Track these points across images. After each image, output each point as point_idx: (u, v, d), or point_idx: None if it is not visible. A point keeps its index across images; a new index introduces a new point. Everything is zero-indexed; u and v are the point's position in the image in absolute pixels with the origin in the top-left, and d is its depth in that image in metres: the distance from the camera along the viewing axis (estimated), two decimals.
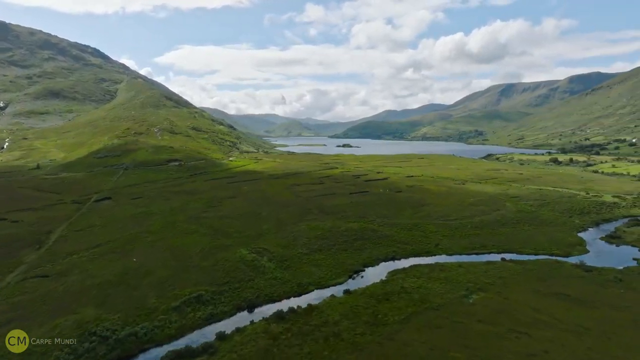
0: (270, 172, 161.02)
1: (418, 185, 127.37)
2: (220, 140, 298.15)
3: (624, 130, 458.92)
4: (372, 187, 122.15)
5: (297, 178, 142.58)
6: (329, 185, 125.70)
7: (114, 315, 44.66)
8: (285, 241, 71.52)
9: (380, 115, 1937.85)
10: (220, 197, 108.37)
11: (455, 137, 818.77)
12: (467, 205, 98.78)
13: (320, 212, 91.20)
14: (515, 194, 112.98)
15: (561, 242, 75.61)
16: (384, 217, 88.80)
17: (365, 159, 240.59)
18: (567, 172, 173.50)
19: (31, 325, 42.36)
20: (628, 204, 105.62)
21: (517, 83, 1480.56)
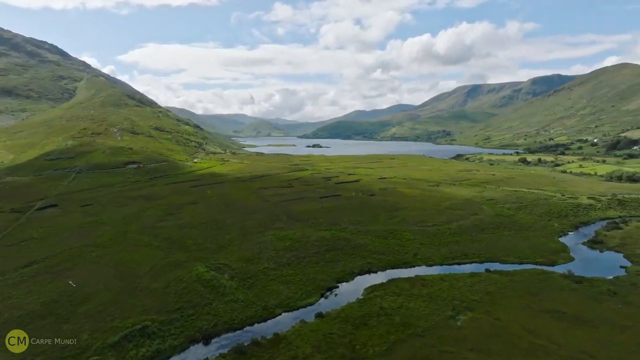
0: (236, 174, 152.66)
1: (391, 187, 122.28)
2: (185, 140, 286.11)
3: (585, 131, 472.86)
4: (343, 190, 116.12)
5: (264, 181, 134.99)
6: (298, 189, 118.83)
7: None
8: (250, 254, 64.26)
9: (349, 116, 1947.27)
10: (181, 203, 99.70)
11: (423, 137, 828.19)
12: (443, 209, 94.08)
13: (289, 219, 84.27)
14: (491, 196, 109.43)
15: (544, 249, 71.64)
16: (358, 223, 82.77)
17: (335, 159, 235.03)
18: (538, 172, 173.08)
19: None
20: (603, 205, 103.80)
21: (483, 84, 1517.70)
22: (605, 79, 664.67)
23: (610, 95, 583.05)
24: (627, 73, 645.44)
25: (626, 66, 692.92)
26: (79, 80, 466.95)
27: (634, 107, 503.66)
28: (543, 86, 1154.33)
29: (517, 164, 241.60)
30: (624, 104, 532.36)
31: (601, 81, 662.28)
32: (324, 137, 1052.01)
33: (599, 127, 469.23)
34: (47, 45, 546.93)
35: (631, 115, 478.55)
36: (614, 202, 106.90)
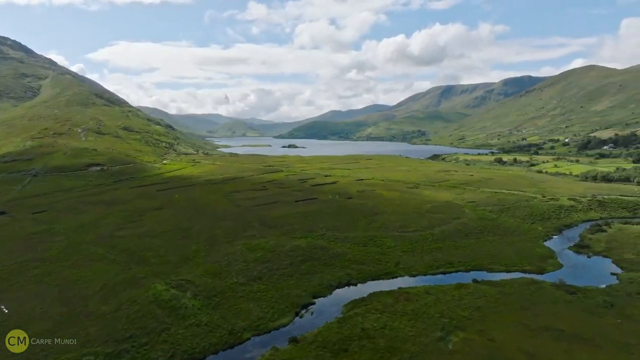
0: (207, 176, 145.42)
1: (369, 190, 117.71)
2: (155, 141, 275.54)
3: (556, 131, 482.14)
4: (320, 193, 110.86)
5: (237, 184, 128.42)
6: (272, 192, 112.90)
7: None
8: (217, 267, 58.15)
9: (325, 116, 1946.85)
10: (145, 209, 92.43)
11: (399, 137, 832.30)
12: (424, 213, 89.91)
13: (262, 226, 78.35)
14: (472, 198, 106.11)
15: (531, 255, 68.10)
16: (335, 229, 77.58)
17: (311, 160, 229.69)
18: (515, 173, 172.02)
19: None
20: (584, 207, 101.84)
21: (456, 85, 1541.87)
22: (574, 80, 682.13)
23: (579, 97, 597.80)
24: (594, 75, 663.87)
25: (593, 68, 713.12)
26: (44, 79, 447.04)
27: (602, 108, 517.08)
28: (514, 87, 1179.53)
29: (493, 164, 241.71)
30: (592, 104, 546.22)
31: (570, 82, 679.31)
32: (300, 137, 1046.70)
33: (569, 127, 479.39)
34: (10, 42, 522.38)
35: (599, 115, 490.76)
36: (594, 203, 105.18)
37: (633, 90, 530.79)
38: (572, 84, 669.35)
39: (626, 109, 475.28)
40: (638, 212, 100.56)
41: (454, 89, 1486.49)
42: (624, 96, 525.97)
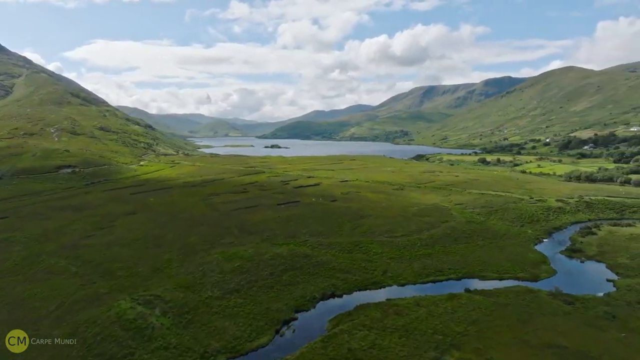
0: (186, 178, 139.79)
1: (354, 192, 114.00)
2: (133, 141, 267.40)
3: (537, 131, 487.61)
4: (303, 196, 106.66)
5: (216, 186, 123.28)
6: (253, 195, 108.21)
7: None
8: (191, 279, 53.46)
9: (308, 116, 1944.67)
10: (116, 214, 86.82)
11: (382, 137, 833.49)
12: (411, 216, 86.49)
13: (241, 232, 73.76)
14: (459, 200, 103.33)
15: (523, 261, 65.19)
16: (319, 235, 73.50)
17: (294, 161, 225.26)
18: (500, 173, 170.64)
19: None
20: (572, 208, 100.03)
21: (438, 85, 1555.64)
22: (553, 81, 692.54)
23: (558, 97, 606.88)
24: (573, 76, 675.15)
25: (572, 69, 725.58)
26: (17, 77, 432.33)
27: (581, 108, 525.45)
28: (495, 88, 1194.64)
29: (476, 164, 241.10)
30: (571, 105, 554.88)
31: (550, 83, 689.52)
32: (283, 138, 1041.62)
33: (550, 127, 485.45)
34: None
35: (578, 115, 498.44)
36: (582, 204, 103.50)
37: (610, 91, 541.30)
38: (551, 84, 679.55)
39: (604, 109, 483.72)
40: (625, 213, 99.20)
41: (436, 89, 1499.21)
42: (601, 97, 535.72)
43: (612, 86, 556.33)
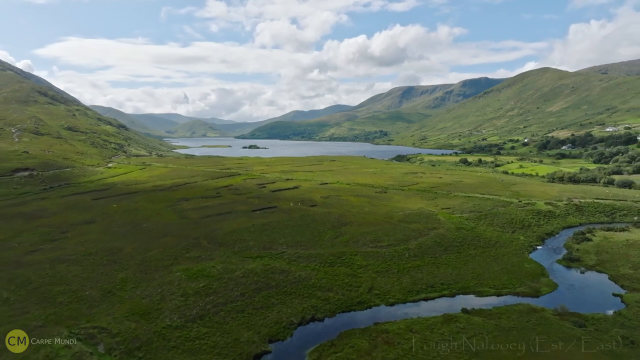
0: (155, 182, 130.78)
1: (335, 195, 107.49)
2: (103, 142, 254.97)
3: (515, 131, 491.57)
4: (280, 201, 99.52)
5: (188, 190, 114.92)
6: (227, 200, 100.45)
7: None
8: (147, 304, 45.81)
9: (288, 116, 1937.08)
10: (72, 223, 77.98)
11: (361, 137, 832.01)
12: (397, 223, 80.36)
13: (211, 243, 66.19)
14: (446, 204, 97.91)
15: (520, 273, 59.70)
16: (298, 245, 66.56)
17: (272, 162, 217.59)
18: (484, 175, 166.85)
19: None
20: (562, 211, 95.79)
21: (416, 86, 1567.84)
22: (529, 82, 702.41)
23: (535, 98, 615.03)
24: (548, 77, 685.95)
25: (547, 70, 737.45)
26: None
27: (557, 109, 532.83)
28: (472, 88, 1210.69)
29: (458, 164, 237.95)
30: (548, 105, 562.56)
31: (526, 84, 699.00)
32: (262, 138, 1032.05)
33: (527, 127, 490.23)
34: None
35: (554, 116, 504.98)
36: (572, 207, 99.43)
37: (584, 92, 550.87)
38: (528, 85, 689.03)
39: (579, 110, 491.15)
40: (615, 217, 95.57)
41: (414, 90, 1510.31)
42: (576, 97, 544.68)
43: (586, 87, 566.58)
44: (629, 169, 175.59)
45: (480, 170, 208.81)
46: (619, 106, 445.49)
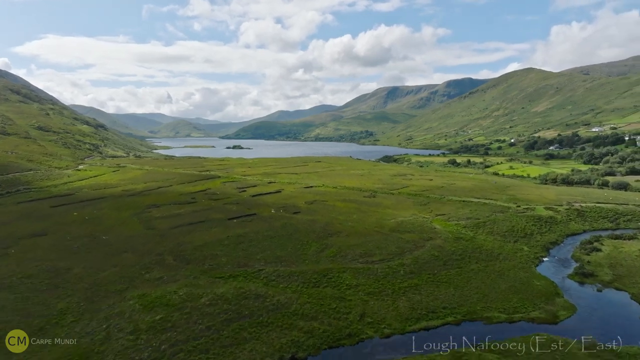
0: (126, 186, 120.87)
1: (320, 200, 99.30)
2: (77, 142, 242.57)
3: (501, 131, 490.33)
4: (261, 207, 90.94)
5: (160, 195, 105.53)
6: (201, 206, 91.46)
7: None
8: (88, 345, 36.86)
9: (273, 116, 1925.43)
10: (19, 236, 68.24)
11: (347, 138, 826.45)
12: (388, 233, 72.48)
13: (177, 260, 57.33)
14: (440, 210, 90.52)
15: (531, 292, 52.25)
16: (277, 261, 58.13)
17: (255, 163, 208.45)
18: (476, 177, 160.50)
19: None
20: (563, 217, 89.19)
21: (401, 86, 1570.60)
22: (514, 82, 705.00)
23: (519, 98, 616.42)
24: (532, 77, 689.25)
25: (531, 71, 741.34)
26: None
27: (542, 109, 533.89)
28: (456, 89, 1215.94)
29: (446, 165, 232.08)
30: (533, 105, 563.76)
31: (511, 84, 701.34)
32: (247, 138, 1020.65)
33: (513, 127, 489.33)
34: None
35: (540, 116, 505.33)
36: (573, 212, 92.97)
37: (568, 92, 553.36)
38: (512, 85, 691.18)
39: (564, 110, 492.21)
40: (620, 223, 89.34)
41: (399, 90, 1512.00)
42: (561, 98, 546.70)
43: (570, 87, 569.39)
44: (621, 169, 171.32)
45: (470, 171, 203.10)
46: (603, 106, 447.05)
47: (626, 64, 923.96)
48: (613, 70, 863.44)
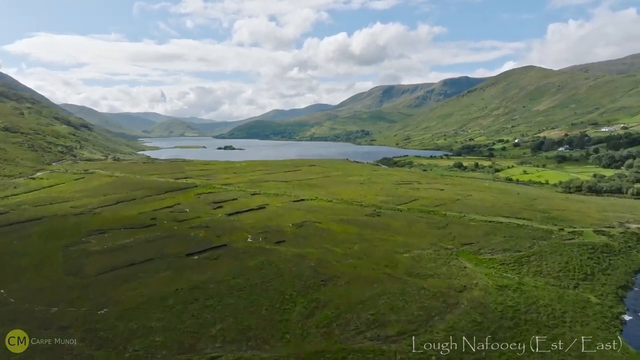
0: (80, 199, 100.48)
1: (312, 222, 79.31)
2: (47, 145, 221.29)
3: (502, 131, 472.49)
4: (235, 232, 70.94)
5: (114, 214, 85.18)
6: (159, 232, 71.20)
7: None
8: None
9: (267, 115, 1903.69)
10: None
11: (343, 137, 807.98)
12: (405, 277, 52.56)
13: (85, 340, 37.03)
14: (465, 236, 70.81)
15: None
16: (242, 339, 38.02)
17: (242, 168, 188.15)
18: (493, 185, 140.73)
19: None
20: (621, 245, 69.95)
21: (397, 85, 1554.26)
22: (513, 80, 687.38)
23: (520, 96, 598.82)
24: (532, 75, 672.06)
25: (531, 69, 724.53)
26: None
27: (544, 108, 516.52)
28: (453, 88, 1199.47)
29: (452, 169, 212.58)
30: (534, 104, 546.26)
31: (510, 82, 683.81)
32: (241, 137, 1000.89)
33: (515, 127, 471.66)
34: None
35: (542, 115, 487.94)
36: (631, 237, 73.76)
37: (571, 91, 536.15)
38: (512, 84, 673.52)
39: (568, 109, 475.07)
40: None
41: (395, 89, 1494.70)
42: (563, 96, 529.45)
43: (572, 86, 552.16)
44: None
45: (480, 176, 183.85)
46: (609, 105, 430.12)
47: (625, 62, 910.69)
48: (612, 68, 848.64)
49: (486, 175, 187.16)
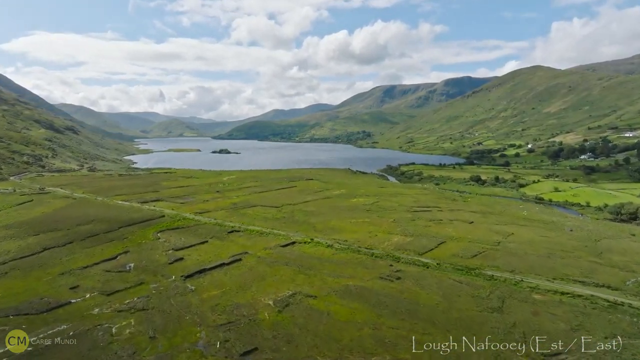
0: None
1: (304, 299, 54.10)
2: (11, 154, 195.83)
3: (512, 134, 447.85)
4: (181, 326, 45.86)
5: (22, 276, 60.00)
6: (53, 336, 45.86)
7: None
8: None
9: (267, 115, 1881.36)
10: None
11: (343, 139, 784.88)
12: None
13: None
14: (532, 326, 45.42)
15: None
16: None
17: (230, 183, 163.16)
18: (536, 216, 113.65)
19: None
20: None
21: (398, 85, 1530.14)
22: (521, 80, 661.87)
23: (529, 97, 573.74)
24: (541, 75, 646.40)
25: (539, 68, 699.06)
26: None
27: (555, 110, 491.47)
28: (455, 88, 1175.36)
29: (468, 183, 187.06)
30: (544, 106, 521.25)
31: (517, 83, 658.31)
32: (240, 138, 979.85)
33: (526, 130, 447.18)
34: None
35: (554, 118, 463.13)
36: None
37: (583, 92, 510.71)
38: (519, 84, 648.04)
39: (581, 111, 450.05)
40: None
41: (396, 89, 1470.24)
42: (575, 97, 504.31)
43: (584, 86, 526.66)
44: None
45: (505, 193, 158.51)
46: (626, 107, 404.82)
47: (632, 62, 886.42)
48: (619, 68, 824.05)
49: (509, 191, 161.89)
